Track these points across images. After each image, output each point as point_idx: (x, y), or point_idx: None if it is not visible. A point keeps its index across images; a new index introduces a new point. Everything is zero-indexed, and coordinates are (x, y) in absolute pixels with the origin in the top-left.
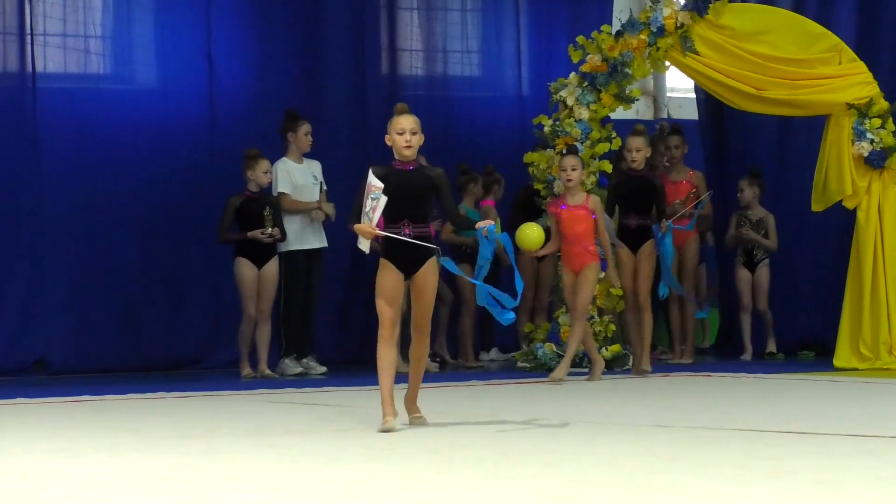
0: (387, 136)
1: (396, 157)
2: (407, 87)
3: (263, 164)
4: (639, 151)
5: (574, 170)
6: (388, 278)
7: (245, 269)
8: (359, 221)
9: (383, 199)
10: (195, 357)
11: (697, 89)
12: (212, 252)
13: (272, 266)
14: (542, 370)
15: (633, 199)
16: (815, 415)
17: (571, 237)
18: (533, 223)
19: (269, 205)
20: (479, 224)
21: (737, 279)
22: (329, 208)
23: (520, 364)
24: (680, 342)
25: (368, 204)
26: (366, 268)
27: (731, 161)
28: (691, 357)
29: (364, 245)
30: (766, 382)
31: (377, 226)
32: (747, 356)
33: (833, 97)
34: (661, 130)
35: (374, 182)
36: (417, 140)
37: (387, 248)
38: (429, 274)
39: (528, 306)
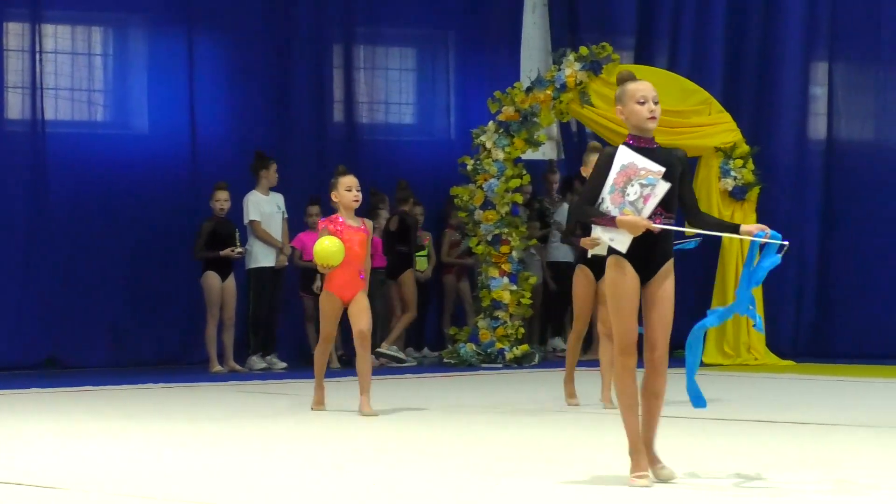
0: (618, 107)
1: (634, 132)
2: (357, 133)
3: (223, 193)
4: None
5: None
6: (629, 286)
7: (212, 280)
8: (596, 213)
9: (662, 186)
10: (174, 356)
11: (562, 135)
12: (187, 268)
13: (233, 279)
14: (463, 365)
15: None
16: (686, 402)
17: None
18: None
19: (237, 228)
20: (750, 228)
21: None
22: (288, 250)
23: (445, 360)
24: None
25: (634, 192)
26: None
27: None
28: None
29: (623, 243)
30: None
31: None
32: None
33: (704, 142)
34: (549, 165)
35: (647, 165)
36: (659, 110)
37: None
38: (669, 279)
39: (452, 311)
